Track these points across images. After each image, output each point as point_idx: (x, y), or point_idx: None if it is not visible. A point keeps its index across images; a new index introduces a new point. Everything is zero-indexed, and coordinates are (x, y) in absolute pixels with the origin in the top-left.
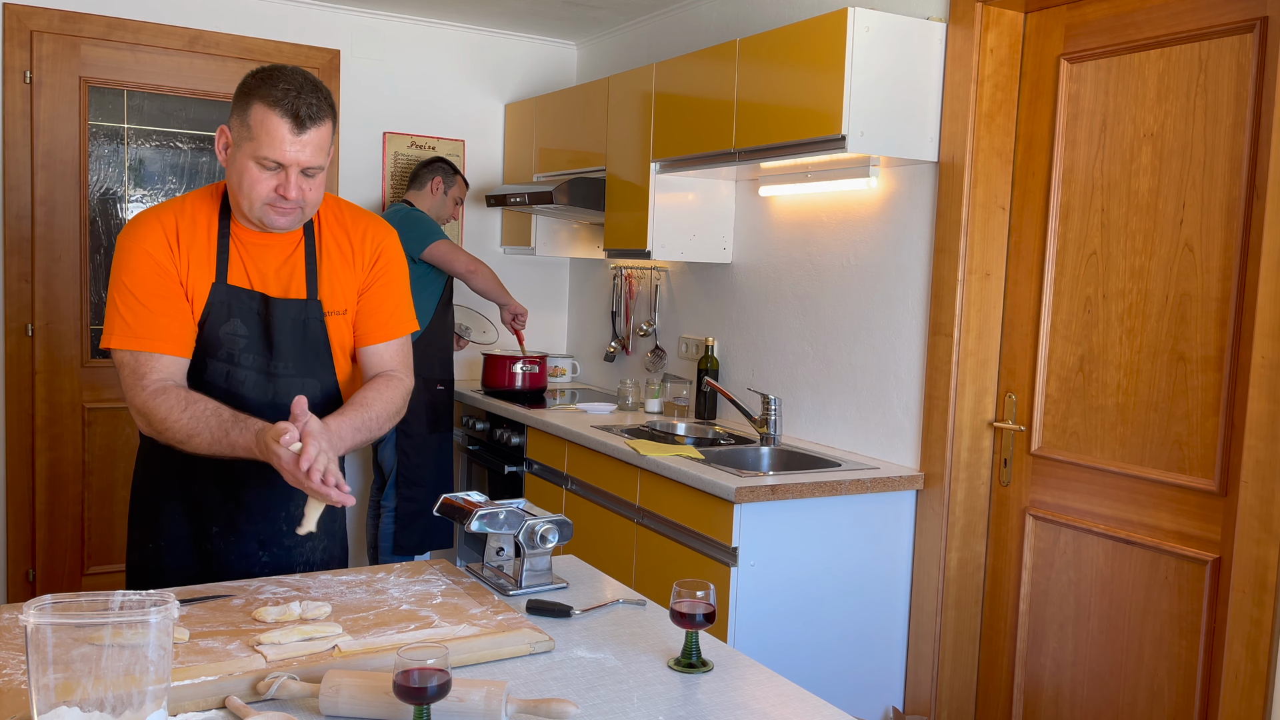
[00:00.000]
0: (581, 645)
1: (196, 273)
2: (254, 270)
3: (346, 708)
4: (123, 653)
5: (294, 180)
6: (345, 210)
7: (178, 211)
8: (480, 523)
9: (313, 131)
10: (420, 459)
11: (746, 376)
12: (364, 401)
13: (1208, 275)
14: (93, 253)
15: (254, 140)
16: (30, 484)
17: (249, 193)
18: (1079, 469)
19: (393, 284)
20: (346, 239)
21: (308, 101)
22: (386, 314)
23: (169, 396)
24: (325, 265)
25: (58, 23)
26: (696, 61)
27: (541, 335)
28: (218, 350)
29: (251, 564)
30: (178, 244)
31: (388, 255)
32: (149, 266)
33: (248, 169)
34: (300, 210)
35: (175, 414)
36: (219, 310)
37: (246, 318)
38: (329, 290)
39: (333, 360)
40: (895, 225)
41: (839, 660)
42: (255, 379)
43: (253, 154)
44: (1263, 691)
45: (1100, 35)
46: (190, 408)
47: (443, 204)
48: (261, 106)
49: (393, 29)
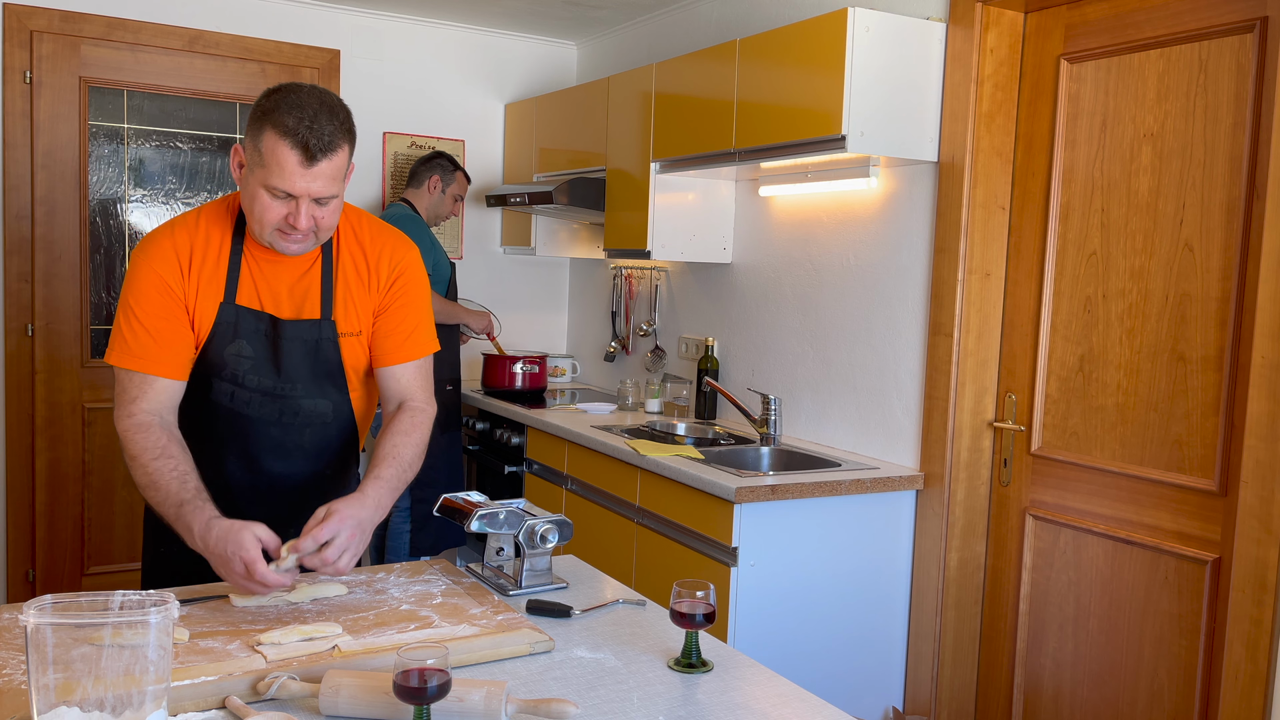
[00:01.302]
0: (581, 645)
1: (205, 292)
2: (265, 289)
3: (346, 708)
4: (123, 653)
5: (304, 210)
6: (365, 227)
7: (192, 230)
8: (480, 523)
9: (324, 163)
10: (433, 460)
11: (746, 376)
12: (396, 454)
13: (1208, 275)
14: (93, 253)
15: (265, 168)
16: (30, 484)
17: (259, 218)
18: (1079, 469)
19: (412, 304)
20: (364, 259)
21: (319, 132)
22: (404, 335)
23: (148, 436)
24: (341, 285)
25: (58, 23)
26: (696, 61)
27: (541, 335)
28: (222, 370)
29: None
30: (189, 265)
31: (407, 275)
32: (155, 287)
33: (258, 195)
34: (313, 236)
35: (145, 457)
36: (225, 331)
37: (253, 339)
38: (343, 311)
39: (346, 382)
40: (895, 225)
41: (839, 660)
42: (260, 400)
43: (263, 181)
44: (1263, 691)
45: (1100, 35)
46: (160, 460)
47: (440, 202)
48: (273, 135)
49: (392, 29)
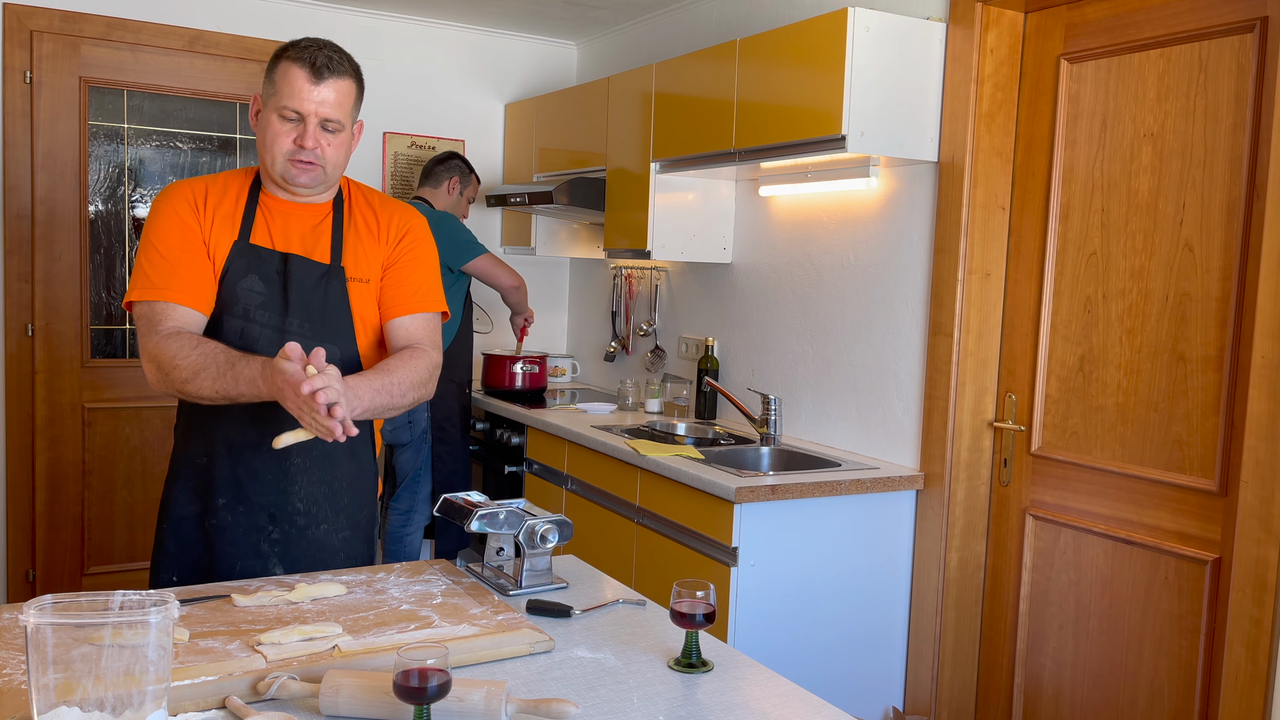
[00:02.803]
0: (581, 645)
1: (220, 231)
2: (280, 234)
3: (346, 708)
4: (123, 653)
5: (312, 131)
6: (375, 196)
7: (209, 180)
8: (480, 523)
9: (331, 82)
10: (455, 463)
11: (746, 376)
12: (387, 367)
13: (1208, 275)
14: (93, 253)
15: (276, 94)
16: (30, 484)
17: (271, 146)
18: (1079, 469)
19: (420, 261)
20: (374, 217)
21: (327, 55)
22: (413, 287)
23: (180, 339)
24: (351, 235)
25: (58, 23)
26: (696, 61)
27: (541, 335)
28: (234, 306)
29: (260, 539)
30: (204, 204)
31: (414, 234)
32: (174, 222)
33: (270, 123)
34: (321, 169)
35: (185, 352)
36: (238, 266)
37: (265, 274)
38: (353, 258)
39: (353, 328)
40: (895, 225)
41: (839, 660)
42: (270, 336)
43: (275, 106)
44: (1263, 691)
45: (1100, 35)
46: (201, 346)
47: (458, 204)
48: (285, 62)
49: (393, 29)
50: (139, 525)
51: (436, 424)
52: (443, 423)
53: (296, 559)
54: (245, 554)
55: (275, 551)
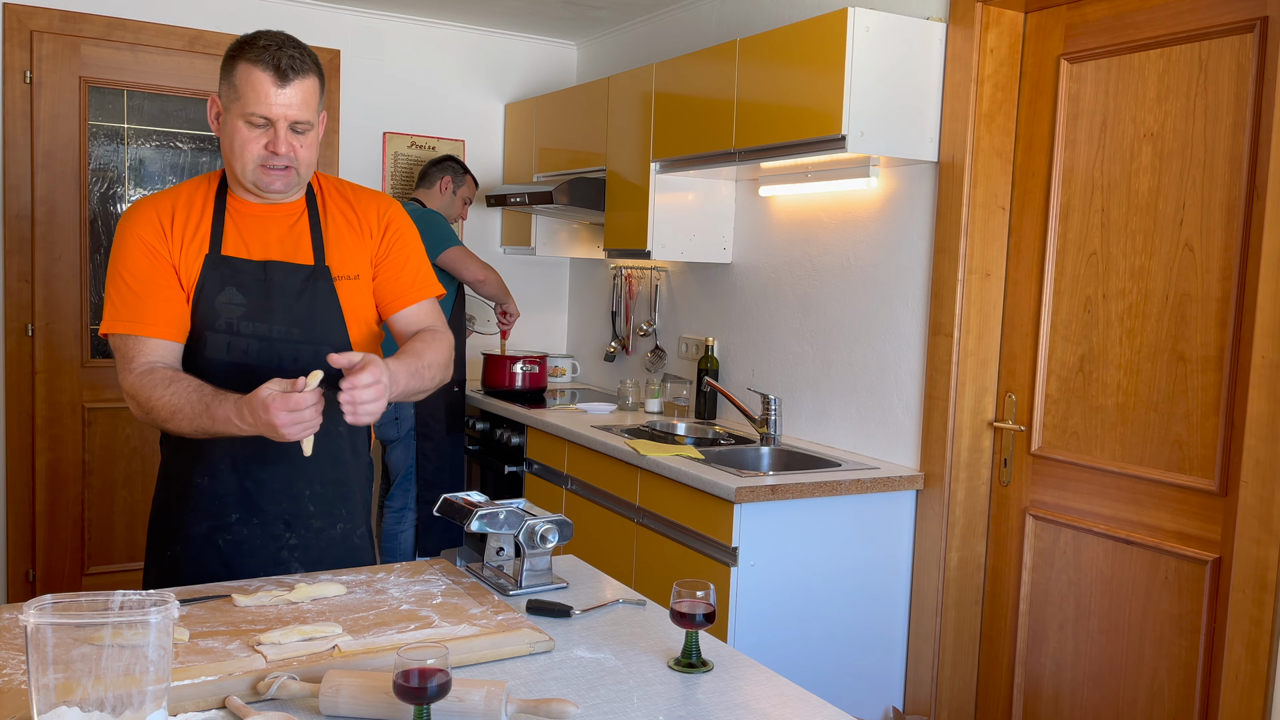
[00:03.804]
0: (581, 645)
1: (190, 249)
2: (255, 243)
3: (346, 708)
4: (123, 653)
5: (283, 135)
6: (346, 186)
7: (174, 196)
8: (480, 523)
9: (297, 84)
10: (440, 461)
11: (746, 376)
12: (416, 350)
13: (1208, 275)
14: (93, 253)
15: (241, 99)
16: (30, 484)
17: (240, 154)
18: (1079, 469)
19: (409, 250)
20: (351, 210)
21: (289, 55)
22: (410, 277)
23: (152, 376)
24: (331, 231)
25: (58, 23)
26: (696, 61)
27: (541, 335)
28: (215, 321)
29: (279, 546)
30: (171, 225)
31: (397, 224)
32: (141, 251)
33: (238, 130)
34: (294, 172)
35: (159, 392)
36: (212, 281)
37: (242, 285)
38: (337, 256)
39: (345, 327)
40: (895, 225)
41: (839, 660)
42: (259, 346)
43: (241, 113)
44: (1263, 691)
45: (1100, 35)
46: (173, 385)
47: (451, 203)
48: (245, 65)
49: (393, 29)
50: (139, 525)
51: (421, 420)
52: (427, 419)
53: (316, 561)
54: (267, 564)
55: (295, 557)
